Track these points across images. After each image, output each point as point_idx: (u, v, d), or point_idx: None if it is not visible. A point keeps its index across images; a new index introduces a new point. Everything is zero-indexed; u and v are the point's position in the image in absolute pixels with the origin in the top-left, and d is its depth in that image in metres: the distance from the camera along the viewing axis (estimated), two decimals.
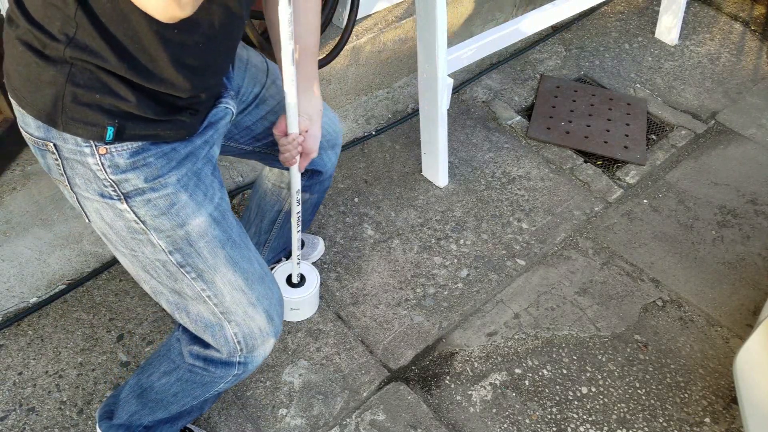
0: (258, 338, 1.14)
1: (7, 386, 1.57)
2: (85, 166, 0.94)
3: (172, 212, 1.00)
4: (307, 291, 1.68)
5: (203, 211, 1.03)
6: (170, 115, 0.96)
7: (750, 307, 1.89)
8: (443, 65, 1.88)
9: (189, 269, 1.05)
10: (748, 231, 2.12)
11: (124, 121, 0.92)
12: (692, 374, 1.72)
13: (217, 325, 1.11)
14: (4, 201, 1.61)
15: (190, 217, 1.01)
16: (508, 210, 2.13)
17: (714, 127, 2.52)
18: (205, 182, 1.04)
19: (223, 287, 1.08)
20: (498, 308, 1.84)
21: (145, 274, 1.08)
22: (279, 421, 1.56)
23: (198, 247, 1.04)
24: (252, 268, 1.11)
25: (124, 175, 0.95)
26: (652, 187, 2.25)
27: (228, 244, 1.07)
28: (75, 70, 0.87)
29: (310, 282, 1.70)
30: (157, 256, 1.04)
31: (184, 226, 1.01)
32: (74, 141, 0.92)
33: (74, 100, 0.89)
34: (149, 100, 0.92)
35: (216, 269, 1.06)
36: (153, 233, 1.01)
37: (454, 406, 1.62)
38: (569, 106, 2.52)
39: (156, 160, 0.97)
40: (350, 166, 2.22)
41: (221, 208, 1.07)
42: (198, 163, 1.03)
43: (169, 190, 0.99)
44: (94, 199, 0.98)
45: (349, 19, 1.89)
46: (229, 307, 1.10)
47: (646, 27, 3.00)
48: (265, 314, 1.13)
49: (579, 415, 1.62)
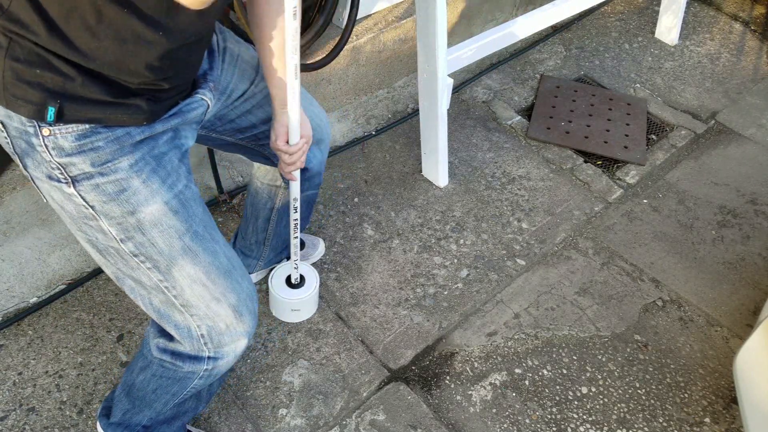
0: (225, 334, 1.11)
1: (7, 386, 1.57)
2: (31, 146, 0.90)
3: (122, 198, 0.95)
4: (307, 292, 1.68)
5: (158, 199, 0.98)
6: (121, 98, 0.90)
7: (750, 307, 1.89)
8: (443, 65, 1.88)
9: (143, 258, 1.01)
10: (748, 231, 2.12)
11: (68, 101, 0.87)
12: (692, 374, 1.72)
13: (180, 318, 1.08)
14: (4, 201, 1.61)
15: (142, 204, 0.97)
16: (508, 210, 2.13)
17: (714, 127, 2.52)
18: (166, 168, 0.99)
19: (181, 280, 1.04)
20: (498, 308, 1.84)
21: (103, 259, 1.05)
22: (279, 421, 1.56)
23: (151, 236, 0.99)
24: (216, 261, 1.06)
25: (69, 159, 0.91)
26: (652, 187, 2.25)
27: (187, 235, 1.02)
28: (14, 44, 0.83)
29: (310, 283, 1.70)
30: (109, 243, 1.00)
31: (135, 214, 0.97)
32: (19, 119, 0.88)
33: (15, 76, 0.84)
34: (95, 80, 0.87)
35: (172, 260, 1.02)
36: (103, 219, 0.97)
37: (454, 406, 1.62)
38: (569, 106, 2.52)
39: (106, 144, 0.92)
40: (350, 166, 2.22)
41: (183, 197, 1.02)
42: (158, 148, 0.98)
43: (120, 175, 0.94)
44: (44, 180, 0.94)
45: (349, 19, 1.89)
46: (189, 300, 1.06)
47: (646, 27, 3.00)
48: (232, 309, 1.09)
49: (579, 415, 1.62)
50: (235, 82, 1.21)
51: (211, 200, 2.04)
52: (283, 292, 1.67)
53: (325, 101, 2.30)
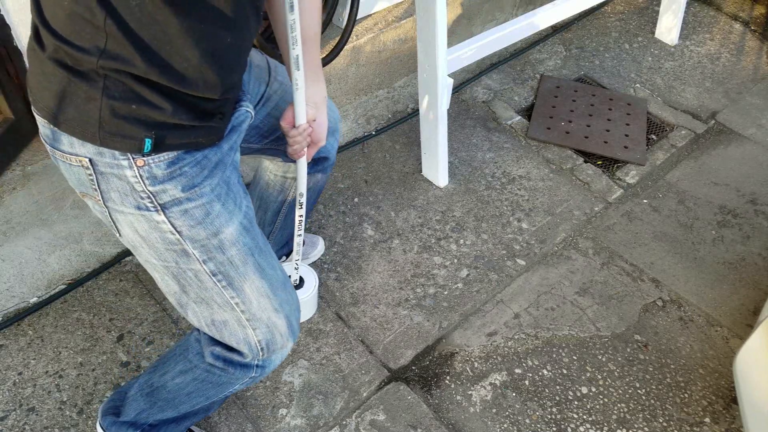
0: (278, 343, 1.16)
1: (7, 386, 1.57)
2: (122, 180, 0.94)
3: (207, 221, 1.00)
4: (306, 293, 1.68)
5: (235, 220, 1.04)
6: (203, 120, 0.96)
7: (750, 307, 1.89)
8: (443, 65, 1.88)
9: (221, 277, 1.06)
10: (748, 231, 2.12)
11: (161, 131, 0.91)
12: (692, 374, 1.72)
13: (242, 332, 1.12)
14: (4, 201, 1.61)
15: (224, 225, 1.02)
16: (508, 210, 2.13)
17: (714, 127, 2.52)
18: (233, 190, 1.05)
19: (251, 294, 1.09)
20: (498, 308, 1.84)
21: (176, 284, 1.08)
22: (279, 421, 1.56)
23: (230, 255, 1.05)
24: (276, 275, 1.13)
25: (162, 186, 0.95)
26: (652, 187, 2.25)
27: (256, 251, 1.08)
28: (109, 83, 0.87)
29: (309, 284, 1.70)
30: (190, 266, 1.04)
31: (218, 235, 1.02)
32: (111, 155, 0.91)
33: (111, 113, 0.88)
34: (184, 106, 0.92)
35: (246, 276, 1.07)
36: (188, 243, 1.01)
37: (454, 406, 1.62)
38: (569, 106, 2.52)
39: (191, 169, 0.97)
40: (350, 166, 2.22)
41: (249, 216, 1.08)
42: (227, 171, 1.04)
43: (205, 199, 0.99)
44: (128, 213, 0.98)
45: (349, 19, 1.89)
46: (255, 314, 1.11)
47: (646, 27, 3.00)
48: (286, 320, 1.15)
49: (579, 415, 1.62)
50: (253, 87, 1.24)
51: None
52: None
53: None
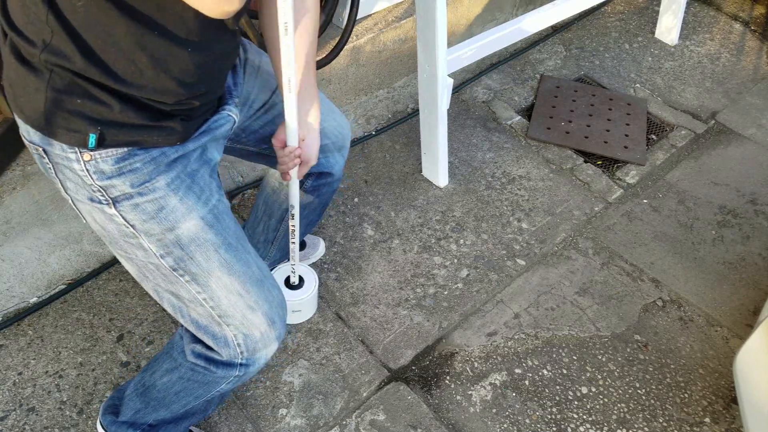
0: (259, 341, 1.14)
1: (7, 386, 1.57)
2: (72, 171, 0.95)
3: (161, 216, 0.99)
4: (305, 293, 1.68)
5: (194, 215, 1.02)
6: (157, 120, 0.94)
7: (750, 307, 1.89)
8: (443, 65, 1.88)
9: (182, 272, 1.05)
10: (748, 231, 2.12)
11: (107, 127, 0.90)
12: (692, 374, 1.72)
13: (217, 328, 1.11)
14: (4, 201, 1.61)
15: (180, 220, 1.01)
16: (508, 210, 2.13)
17: (714, 127, 2.52)
18: (199, 184, 1.03)
19: (218, 291, 1.07)
20: (498, 308, 1.84)
21: (142, 275, 1.09)
22: (279, 421, 1.56)
23: (189, 250, 1.03)
24: (249, 271, 1.10)
25: (109, 181, 0.95)
26: (652, 187, 2.25)
27: (222, 247, 1.06)
28: (54, 76, 0.86)
29: (309, 283, 1.70)
30: (149, 260, 1.04)
31: (174, 230, 1.01)
32: (60, 147, 0.92)
33: (56, 105, 0.88)
34: (132, 105, 0.90)
35: (210, 273, 1.06)
36: (143, 237, 1.01)
37: (454, 406, 1.62)
38: (569, 106, 2.52)
39: (143, 165, 0.96)
40: (350, 166, 2.22)
41: (217, 211, 1.06)
42: (191, 165, 1.02)
43: (158, 194, 0.98)
44: (85, 202, 0.99)
45: (349, 19, 1.89)
46: (226, 311, 1.09)
47: (646, 27, 3.00)
48: (265, 318, 1.13)
49: (579, 415, 1.62)
50: (257, 93, 1.23)
51: None
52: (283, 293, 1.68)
53: None
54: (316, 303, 1.78)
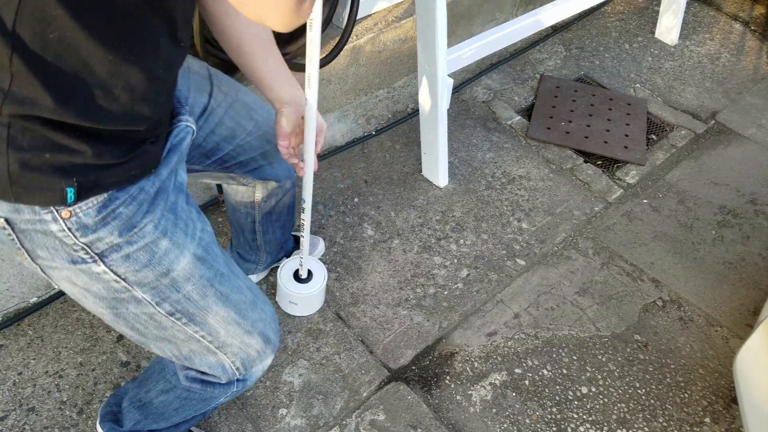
0: (256, 359, 1.13)
1: (7, 386, 1.57)
2: (48, 235, 0.83)
3: (154, 262, 0.91)
4: (314, 287, 1.70)
5: (187, 252, 0.95)
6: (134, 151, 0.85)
7: (750, 307, 1.89)
8: (443, 65, 1.88)
9: (179, 315, 0.99)
10: (748, 231, 2.12)
11: (84, 175, 0.80)
12: (692, 374, 1.72)
13: (213, 358, 1.08)
14: None
15: (175, 262, 0.94)
16: (508, 210, 2.13)
17: (714, 127, 2.52)
18: (182, 218, 0.96)
19: (216, 324, 1.03)
20: (498, 308, 1.84)
21: (130, 330, 1.01)
22: (279, 421, 1.56)
23: (186, 291, 0.97)
24: (243, 297, 1.07)
25: (95, 235, 0.85)
26: (652, 187, 2.25)
27: (216, 279, 1.01)
28: (14, 132, 0.75)
29: (318, 278, 1.72)
30: (143, 311, 0.96)
31: (169, 274, 0.94)
32: (31, 211, 0.81)
33: (22, 166, 0.77)
34: (107, 144, 0.81)
35: (207, 309, 1.01)
36: (137, 289, 0.93)
37: (454, 406, 1.62)
38: (569, 106, 2.52)
39: (126, 208, 0.86)
40: (350, 166, 2.22)
41: (204, 242, 0.99)
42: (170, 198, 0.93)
43: (148, 239, 0.90)
44: (63, 268, 0.88)
45: (349, 19, 1.89)
46: (224, 341, 1.06)
47: (646, 27, 3.00)
48: (262, 337, 1.11)
49: (579, 415, 1.62)
50: (194, 97, 1.14)
51: (212, 200, 2.04)
52: (290, 286, 1.71)
53: (325, 101, 2.30)
54: (323, 297, 1.79)
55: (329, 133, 2.31)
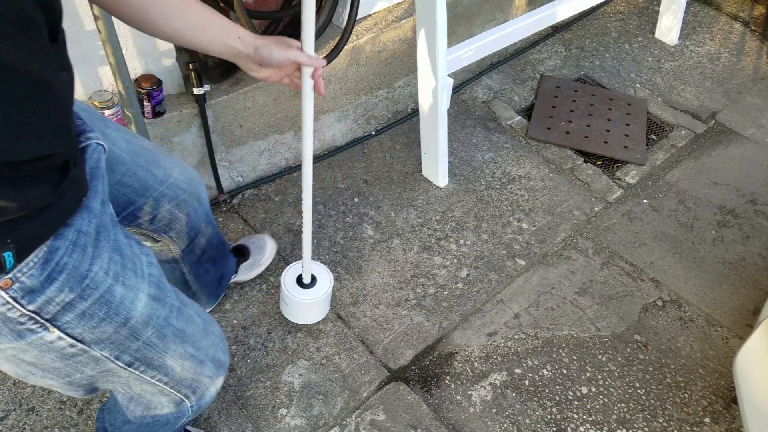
0: (207, 384, 1.08)
1: (7, 386, 1.57)
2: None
3: (111, 314, 0.83)
4: (318, 294, 1.64)
5: (141, 295, 0.87)
6: (61, 183, 0.74)
7: (750, 307, 1.89)
8: (443, 65, 1.88)
9: (138, 365, 0.92)
10: (748, 231, 2.12)
11: (18, 233, 0.69)
12: (692, 374, 1.72)
13: (164, 398, 1.03)
14: None
15: (131, 308, 0.85)
16: (508, 210, 2.13)
17: (714, 127, 2.52)
18: (127, 255, 0.86)
19: (173, 363, 0.97)
20: (498, 308, 1.84)
21: (82, 390, 0.94)
22: (279, 421, 1.56)
23: (146, 337, 0.90)
24: (196, 327, 1.01)
25: (44, 296, 0.75)
26: (652, 187, 2.25)
27: (172, 316, 0.94)
28: None
29: (323, 284, 1.66)
30: (100, 368, 0.88)
31: (127, 323, 0.85)
32: None
33: None
34: (32, 185, 0.69)
35: (166, 350, 0.95)
36: (94, 348, 0.84)
37: (454, 406, 1.62)
38: (569, 106, 2.52)
39: (70, 257, 0.76)
40: (350, 166, 2.22)
41: (154, 278, 0.91)
42: (111, 235, 0.83)
43: (101, 289, 0.80)
44: (7, 347, 0.78)
45: (349, 19, 1.89)
46: (179, 378, 1.01)
47: (646, 27, 3.00)
48: (213, 363, 1.06)
49: (579, 415, 1.62)
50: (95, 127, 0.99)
51: (212, 200, 2.04)
52: (295, 292, 1.64)
53: (325, 101, 2.30)
54: (329, 304, 1.75)
55: (329, 132, 2.31)
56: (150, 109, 1.83)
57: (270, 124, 2.16)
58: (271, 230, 1.98)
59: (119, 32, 1.59)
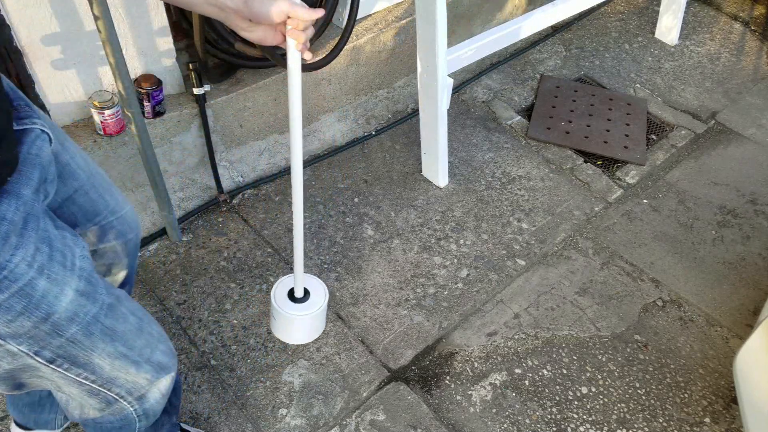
0: (145, 386, 1.02)
1: None
2: None
3: (31, 308, 0.77)
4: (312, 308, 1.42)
5: (68, 290, 0.81)
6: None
7: (750, 307, 1.89)
8: (443, 65, 1.88)
9: (60, 362, 0.86)
10: (748, 231, 2.12)
11: None
12: (692, 374, 1.72)
13: (95, 400, 0.97)
14: None
15: (55, 303, 0.80)
16: (508, 210, 2.13)
17: (714, 127, 2.52)
18: (57, 247, 0.80)
19: (101, 362, 0.91)
20: (498, 308, 1.84)
21: (1, 385, 0.90)
22: (279, 421, 1.56)
23: (70, 334, 0.84)
24: (129, 326, 0.95)
25: None
26: (652, 187, 2.25)
27: (102, 313, 0.88)
28: None
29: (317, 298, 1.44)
30: (17, 363, 0.84)
31: (49, 319, 0.80)
32: None
33: None
34: None
35: (93, 349, 0.88)
36: (11, 342, 0.80)
37: (454, 406, 1.62)
38: (569, 106, 2.52)
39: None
40: (350, 166, 2.22)
41: (85, 272, 0.85)
42: (41, 225, 0.78)
43: (21, 282, 0.75)
44: None
45: (349, 19, 1.89)
46: (109, 377, 0.94)
47: (646, 27, 3.00)
48: (151, 364, 1.00)
49: (579, 415, 1.62)
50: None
51: (212, 200, 2.04)
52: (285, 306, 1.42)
53: (325, 101, 2.30)
54: (324, 320, 1.52)
55: (329, 132, 2.31)
56: (150, 109, 1.83)
57: (270, 124, 2.17)
58: (270, 230, 1.98)
59: (119, 32, 1.60)
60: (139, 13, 1.72)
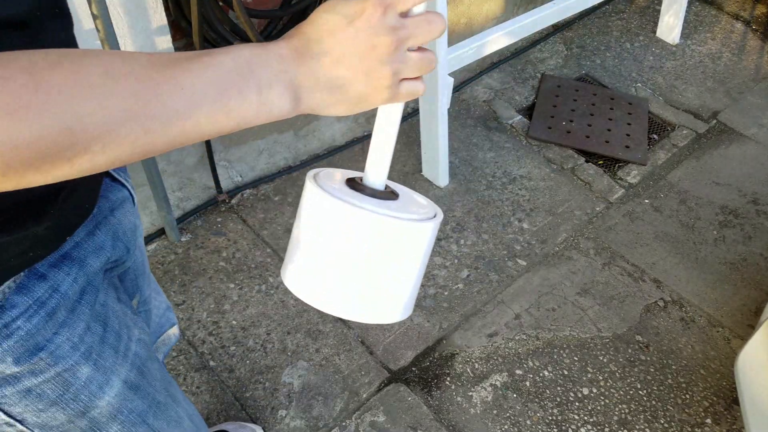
0: None
1: None
2: None
3: (68, 397, 0.63)
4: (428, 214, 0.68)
5: (114, 380, 0.67)
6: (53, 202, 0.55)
7: (752, 308, 1.88)
8: (443, 64, 1.87)
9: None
10: (750, 231, 2.11)
11: None
12: (694, 375, 1.72)
13: None
14: None
15: (96, 395, 0.66)
16: (508, 210, 2.12)
17: (715, 126, 2.51)
18: (113, 327, 0.67)
19: None
20: (499, 309, 1.83)
21: None
22: (278, 423, 1.55)
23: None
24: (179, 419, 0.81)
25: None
26: (654, 187, 2.24)
27: (150, 412, 0.74)
28: None
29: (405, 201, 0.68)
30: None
31: (88, 413, 0.66)
32: None
33: None
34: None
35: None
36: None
37: (455, 408, 1.61)
38: (570, 106, 2.51)
39: (27, 322, 0.57)
40: (350, 166, 2.22)
41: (140, 359, 0.71)
42: (99, 297, 0.65)
43: (61, 366, 0.61)
44: None
45: None
46: None
47: (648, 26, 2.99)
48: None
49: (580, 416, 1.61)
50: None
51: (211, 200, 2.03)
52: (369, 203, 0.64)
53: None
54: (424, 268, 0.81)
55: (329, 132, 2.30)
56: None
57: (269, 123, 2.16)
58: (270, 230, 1.97)
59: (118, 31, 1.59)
60: (138, 12, 1.71)
